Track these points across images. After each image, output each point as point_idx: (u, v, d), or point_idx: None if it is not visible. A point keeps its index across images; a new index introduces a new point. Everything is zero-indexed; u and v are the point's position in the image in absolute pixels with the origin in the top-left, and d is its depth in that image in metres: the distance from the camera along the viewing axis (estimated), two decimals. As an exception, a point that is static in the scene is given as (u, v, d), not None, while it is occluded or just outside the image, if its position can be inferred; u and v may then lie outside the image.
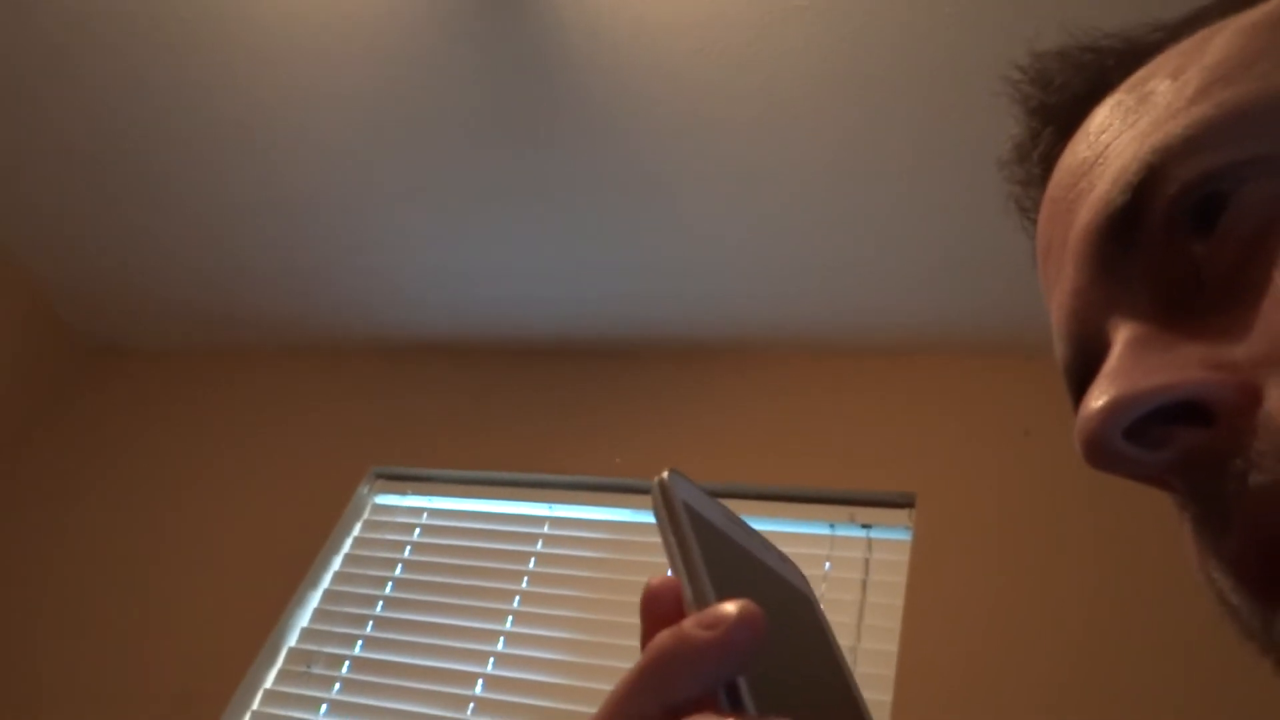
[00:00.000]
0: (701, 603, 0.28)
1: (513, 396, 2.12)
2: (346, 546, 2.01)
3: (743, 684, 0.26)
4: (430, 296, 2.15)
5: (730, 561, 0.32)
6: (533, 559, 1.88)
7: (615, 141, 1.73)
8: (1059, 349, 0.39)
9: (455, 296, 2.13)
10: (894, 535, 1.71)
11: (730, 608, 0.27)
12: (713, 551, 0.30)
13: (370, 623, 1.88)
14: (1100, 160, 0.37)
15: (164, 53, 1.82)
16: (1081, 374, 0.37)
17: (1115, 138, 0.36)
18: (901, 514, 1.71)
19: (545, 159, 1.80)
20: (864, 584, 1.66)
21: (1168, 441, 0.32)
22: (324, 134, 1.88)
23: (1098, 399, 0.32)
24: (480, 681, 1.74)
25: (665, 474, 0.31)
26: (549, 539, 1.91)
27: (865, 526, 1.73)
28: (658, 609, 0.30)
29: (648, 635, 0.29)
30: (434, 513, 2.04)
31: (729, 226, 1.81)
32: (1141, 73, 0.38)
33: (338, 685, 1.81)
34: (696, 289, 1.94)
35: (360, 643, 1.86)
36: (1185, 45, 0.37)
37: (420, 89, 1.75)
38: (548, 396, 2.09)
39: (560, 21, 1.58)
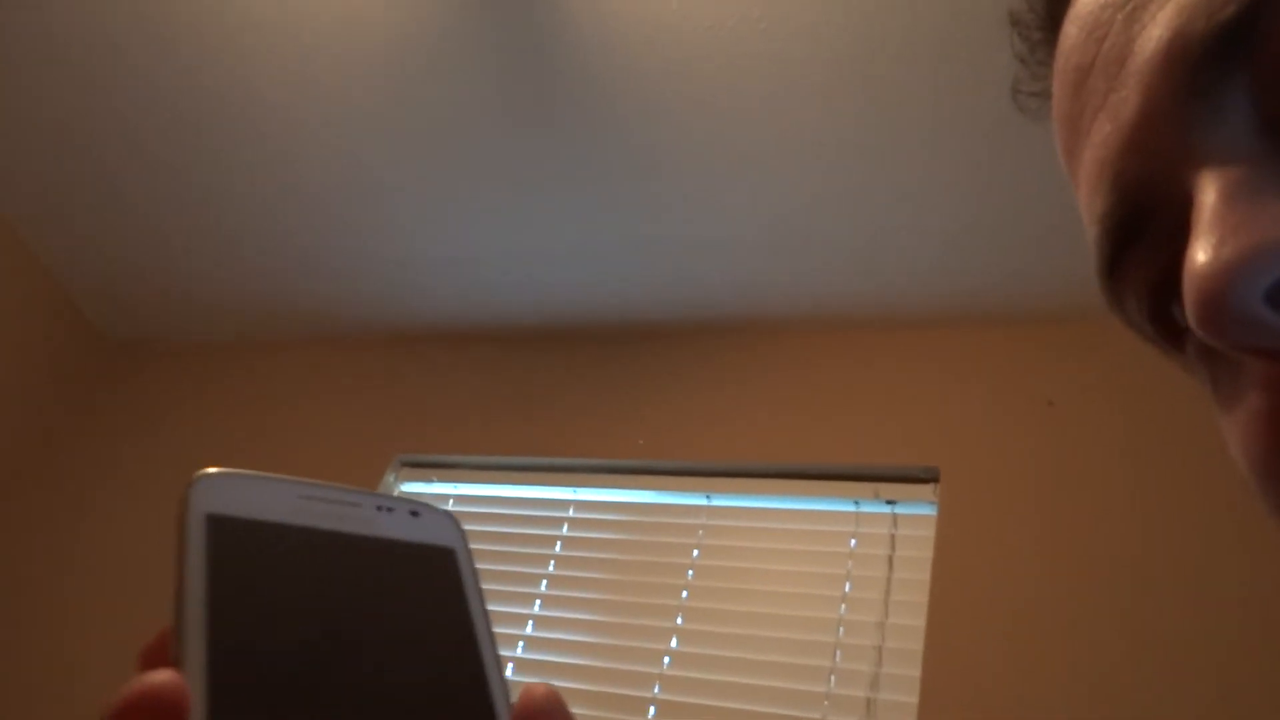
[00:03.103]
0: (177, 653, 0.26)
1: (535, 381, 2.12)
2: (374, 534, 2.03)
3: None
4: (451, 283, 2.15)
5: (267, 568, 0.28)
6: (559, 543, 1.89)
7: (631, 123, 1.73)
8: (1094, 199, 0.31)
9: (475, 283, 2.13)
10: (919, 510, 1.70)
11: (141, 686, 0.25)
12: (234, 569, 0.27)
13: (399, 609, 1.90)
14: None
15: (177, 52, 1.83)
16: (1128, 226, 0.30)
17: None
18: (926, 489, 1.71)
19: (561, 142, 1.79)
20: (890, 560, 1.65)
21: None
22: (342, 126, 1.88)
23: (1223, 246, 0.25)
24: (510, 665, 1.75)
25: (189, 485, 0.28)
26: (574, 522, 1.92)
27: (890, 502, 1.72)
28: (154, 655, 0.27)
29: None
30: (459, 499, 2.05)
31: (747, 204, 1.80)
32: None
33: (369, 671, 1.83)
34: (715, 268, 1.93)
35: (390, 629, 1.87)
36: None
37: (438, 79, 1.75)
38: (570, 380, 2.09)
39: (575, 3, 1.57)
